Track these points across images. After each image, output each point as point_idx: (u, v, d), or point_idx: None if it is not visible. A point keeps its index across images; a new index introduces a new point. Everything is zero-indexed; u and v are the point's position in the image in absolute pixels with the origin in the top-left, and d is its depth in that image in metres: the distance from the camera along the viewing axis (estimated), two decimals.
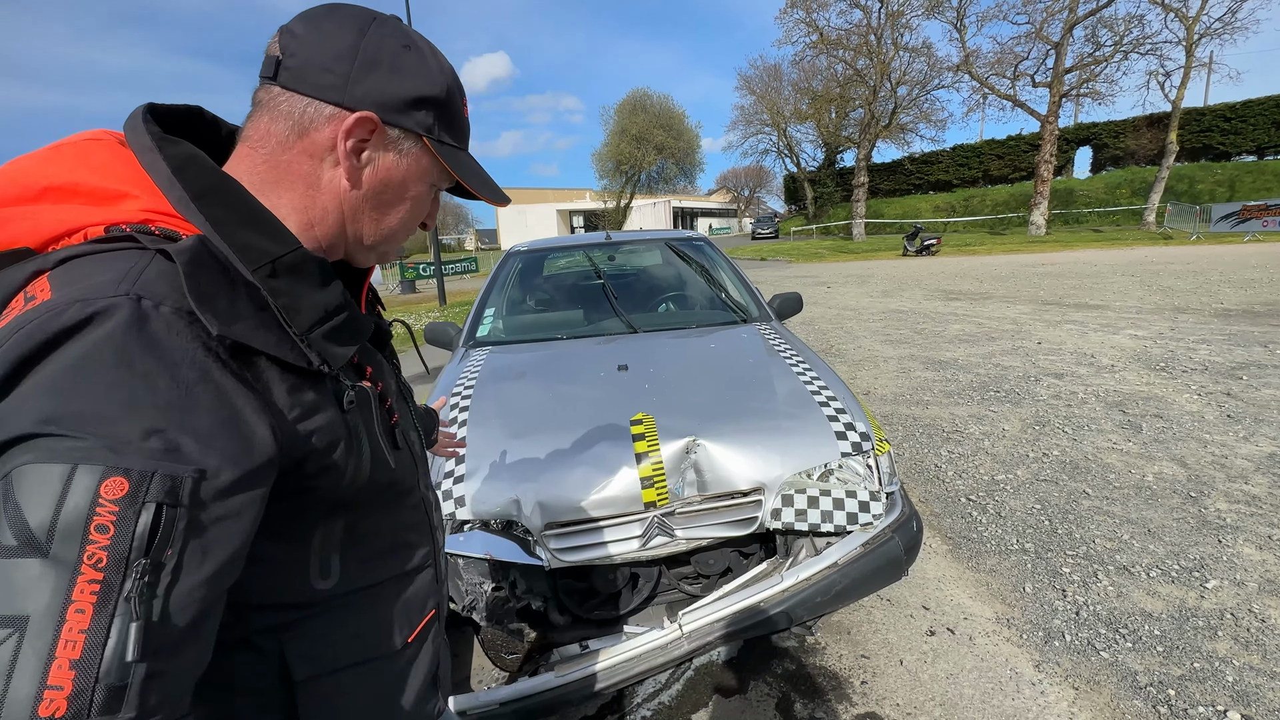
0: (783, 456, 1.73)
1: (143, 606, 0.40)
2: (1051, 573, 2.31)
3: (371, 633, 0.64)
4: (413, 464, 0.70)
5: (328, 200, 0.58)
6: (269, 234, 0.52)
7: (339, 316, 0.56)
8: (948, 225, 30.13)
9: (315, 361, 0.53)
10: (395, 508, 0.67)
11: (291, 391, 0.52)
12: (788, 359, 2.22)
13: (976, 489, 3.05)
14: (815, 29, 28.22)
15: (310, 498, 0.56)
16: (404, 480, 0.67)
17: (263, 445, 0.48)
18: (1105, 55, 22.76)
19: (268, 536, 0.53)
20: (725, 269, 3.25)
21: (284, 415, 0.51)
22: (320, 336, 0.54)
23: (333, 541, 0.60)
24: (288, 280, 0.52)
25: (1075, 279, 11.02)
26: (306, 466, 0.53)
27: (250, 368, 0.49)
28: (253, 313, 0.49)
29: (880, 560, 1.66)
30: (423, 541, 0.71)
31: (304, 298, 0.53)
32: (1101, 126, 31.87)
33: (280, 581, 0.58)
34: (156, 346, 0.43)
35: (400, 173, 0.60)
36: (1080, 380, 4.75)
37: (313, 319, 0.53)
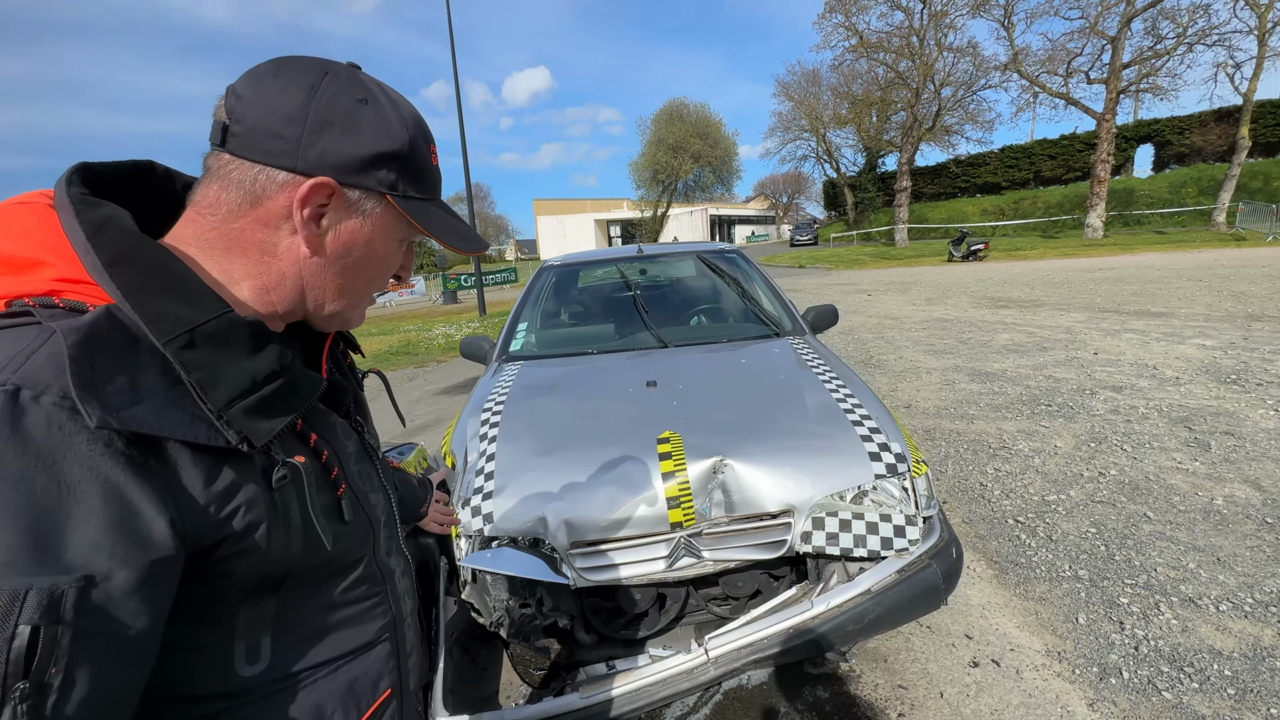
0: (813, 478, 1.68)
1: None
2: (1108, 603, 2.17)
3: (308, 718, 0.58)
4: (366, 532, 0.65)
5: (285, 267, 0.56)
6: (188, 300, 0.48)
7: (270, 385, 0.51)
8: (996, 229, 29.05)
9: (234, 440, 0.48)
10: (336, 583, 0.62)
11: (205, 474, 0.47)
12: (820, 374, 2.17)
13: (1026, 510, 2.90)
14: (855, 33, 27.77)
15: (228, 581, 0.51)
16: (348, 553, 0.62)
17: (162, 540, 0.44)
18: (1167, 48, 21.59)
19: (183, 622, 0.50)
20: (758, 281, 3.21)
21: (193, 502, 0.46)
22: (241, 412, 0.49)
23: (261, 623, 0.55)
24: (207, 350, 0.48)
25: (1136, 284, 10.44)
26: (220, 551, 0.49)
27: (153, 454, 0.45)
28: (161, 391, 0.45)
29: (917, 588, 1.59)
30: (375, 615, 0.66)
31: (225, 369, 0.49)
32: (1164, 123, 30.23)
33: (201, 671, 0.53)
34: (32, 445, 0.40)
35: (364, 235, 0.58)
36: (1141, 394, 4.48)
37: (233, 392, 0.49)
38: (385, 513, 0.70)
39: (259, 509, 0.51)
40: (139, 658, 0.44)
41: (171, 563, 0.45)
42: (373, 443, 0.73)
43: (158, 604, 0.45)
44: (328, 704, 0.60)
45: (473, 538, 1.71)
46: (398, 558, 0.72)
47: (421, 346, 10.23)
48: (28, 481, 0.39)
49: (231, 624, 0.54)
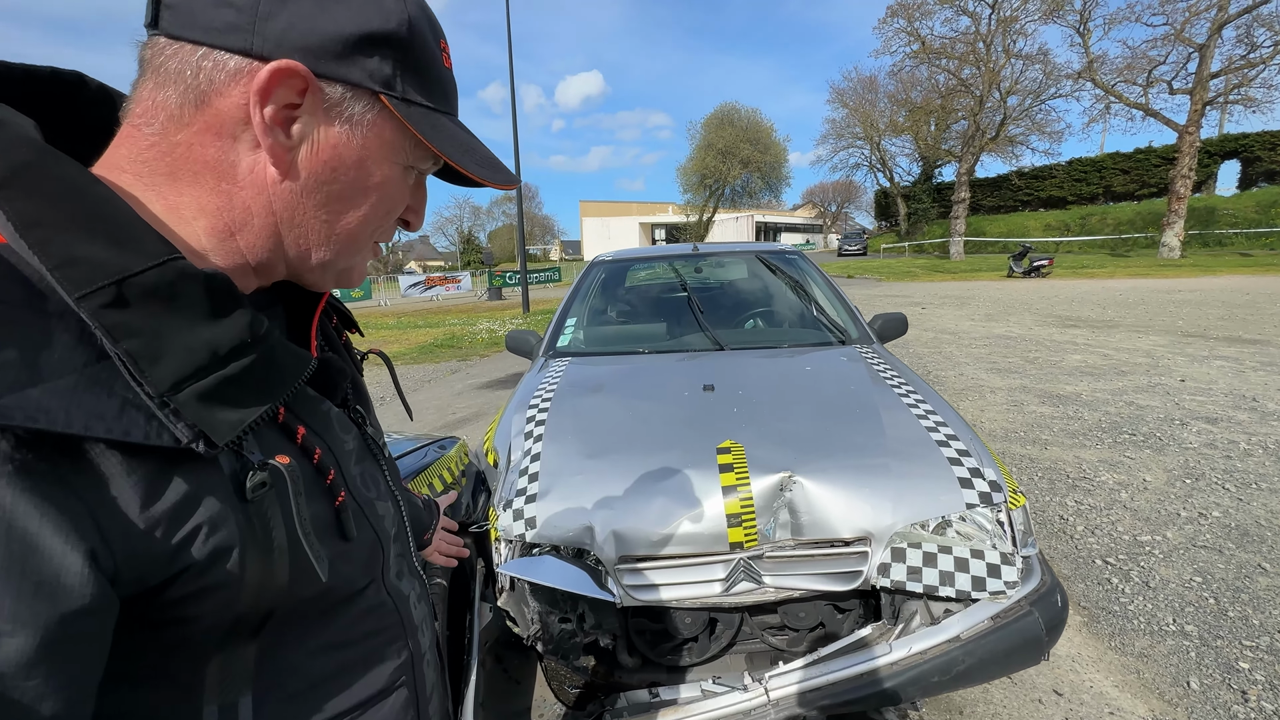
0: (894, 503, 1.49)
1: None
2: (1225, 667, 1.89)
3: None
4: (374, 551, 0.51)
5: (250, 197, 0.41)
6: (116, 240, 0.34)
7: (237, 362, 0.37)
8: (1060, 245, 27.63)
9: (186, 437, 0.34)
10: (337, 619, 0.48)
11: (145, 486, 0.34)
12: (897, 389, 1.97)
13: (1115, 550, 2.60)
14: (917, 38, 26.97)
15: (191, 627, 0.38)
16: (352, 581, 0.48)
17: (76, 585, 0.30)
18: (1263, 57, 20.09)
19: (129, 683, 0.37)
20: (820, 284, 3.01)
21: (127, 527, 0.33)
22: (196, 397, 0.35)
23: (239, 678, 0.42)
24: (145, 311, 0.34)
25: (1222, 308, 9.65)
26: (176, 590, 0.36)
27: (62, 460, 0.31)
28: (74, 368, 0.32)
29: (1015, 639, 1.38)
30: (388, 655, 0.52)
31: (172, 338, 0.35)
32: (1253, 138, 28.18)
33: None
34: None
35: (353, 150, 0.43)
36: (1240, 427, 4.05)
37: (183, 370, 0.35)
38: (395, 525, 0.56)
39: (228, 529, 0.37)
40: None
41: (96, 615, 0.32)
42: (377, 439, 0.58)
43: (77, 675, 0.31)
44: None
45: (513, 543, 1.59)
46: (412, 580, 0.58)
47: (465, 340, 10.32)
48: None
49: (197, 682, 0.40)
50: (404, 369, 7.98)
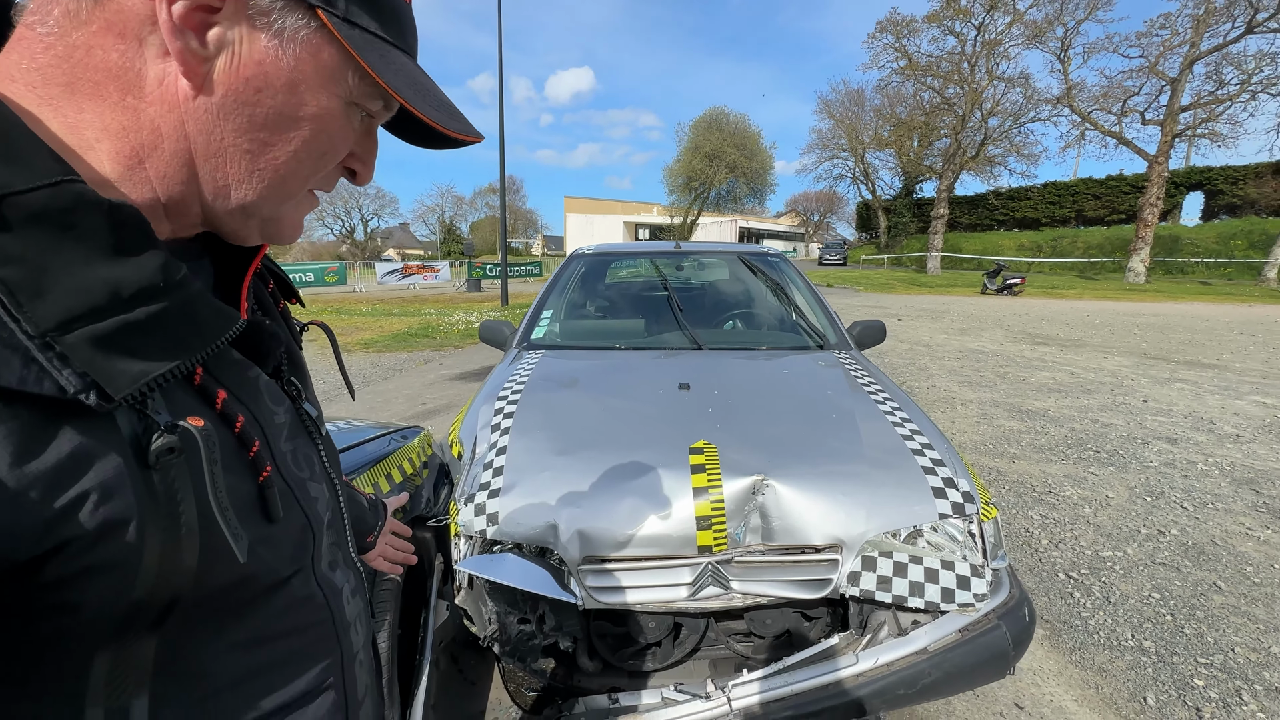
0: (868, 511, 1.46)
1: None
2: (1181, 683, 1.91)
3: None
4: (303, 537, 0.46)
5: (159, 115, 0.35)
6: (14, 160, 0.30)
7: (145, 307, 0.32)
8: (1032, 265, 28.36)
9: (72, 386, 0.29)
10: (256, 612, 0.42)
11: (17, 441, 0.28)
12: (874, 395, 1.94)
13: (1078, 564, 2.63)
14: (904, 54, 27.43)
15: (72, 617, 0.32)
16: (273, 569, 0.42)
17: None
18: (1230, 94, 20.91)
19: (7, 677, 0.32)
20: (802, 289, 2.99)
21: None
22: (89, 341, 0.30)
23: (131, 677, 0.35)
24: (28, 236, 0.29)
25: (1183, 333, 9.97)
26: (54, 569, 0.30)
27: None
28: None
29: (982, 652, 1.36)
30: (316, 654, 0.47)
31: (62, 271, 0.30)
32: (1218, 171, 29.34)
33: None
34: None
35: (283, 70, 0.37)
36: (1199, 448, 4.16)
37: (75, 309, 0.30)
38: (330, 510, 0.51)
39: (124, 499, 0.32)
40: None
41: None
42: (314, 415, 0.52)
43: None
44: None
45: (474, 539, 1.52)
46: (346, 571, 0.52)
47: (440, 330, 10.13)
48: None
49: (79, 680, 0.34)
50: (376, 357, 7.79)
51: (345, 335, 9.64)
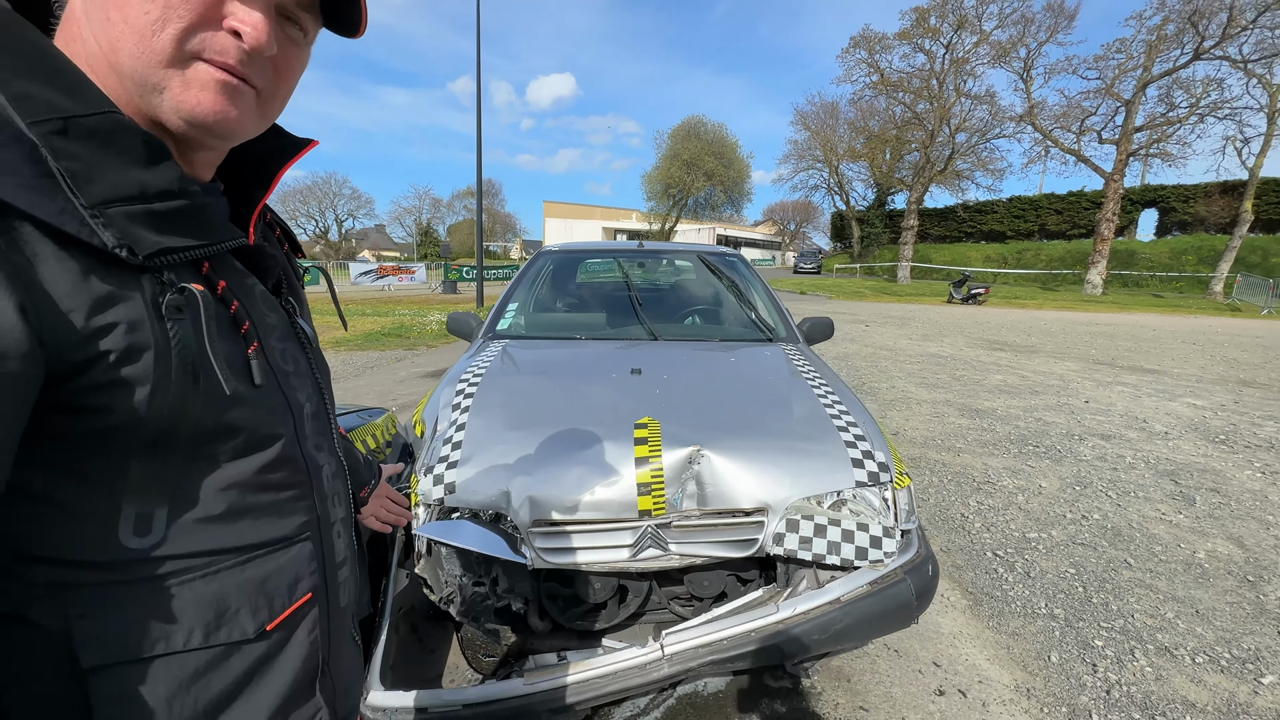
0: (792, 478, 1.61)
1: None
2: (1082, 644, 2.10)
3: (204, 612, 0.50)
4: (284, 412, 0.57)
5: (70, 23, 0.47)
6: (64, 88, 0.43)
7: (165, 201, 0.46)
8: (997, 276, 29.30)
9: (110, 241, 0.42)
10: (250, 461, 0.53)
11: (73, 274, 0.41)
12: (809, 380, 2.11)
13: (1005, 544, 2.83)
14: (876, 69, 28.22)
15: (108, 420, 0.44)
16: (258, 426, 0.54)
17: (10, 331, 0.38)
18: (1179, 117, 22.00)
19: (49, 469, 0.44)
20: (757, 287, 3.16)
21: (54, 299, 0.40)
22: (124, 215, 0.43)
23: (156, 489, 0.48)
24: (84, 145, 0.43)
25: (1131, 341, 10.49)
26: (93, 374, 0.43)
27: (6, 232, 0.39)
28: (24, 171, 0.40)
29: (888, 603, 1.52)
30: (296, 509, 0.58)
31: (105, 168, 0.43)
32: (1170, 189, 30.76)
33: (72, 531, 0.46)
34: None
35: None
36: (1129, 444, 4.45)
37: (112, 193, 0.43)
38: (314, 405, 0.63)
39: (143, 334, 0.44)
40: None
41: (21, 360, 0.39)
42: (308, 331, 0.66)
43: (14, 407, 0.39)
44: (232, 598, 0.52)
45: (431, 506, 1.63)
46: (328, 456, 0.65)
47: (414, 330, 10.12)
48: None
49: (117, 482, 0.46)
50: (347, 355, 7.78)
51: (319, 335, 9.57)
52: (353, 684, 0.70)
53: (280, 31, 0.51)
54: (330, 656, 0.63)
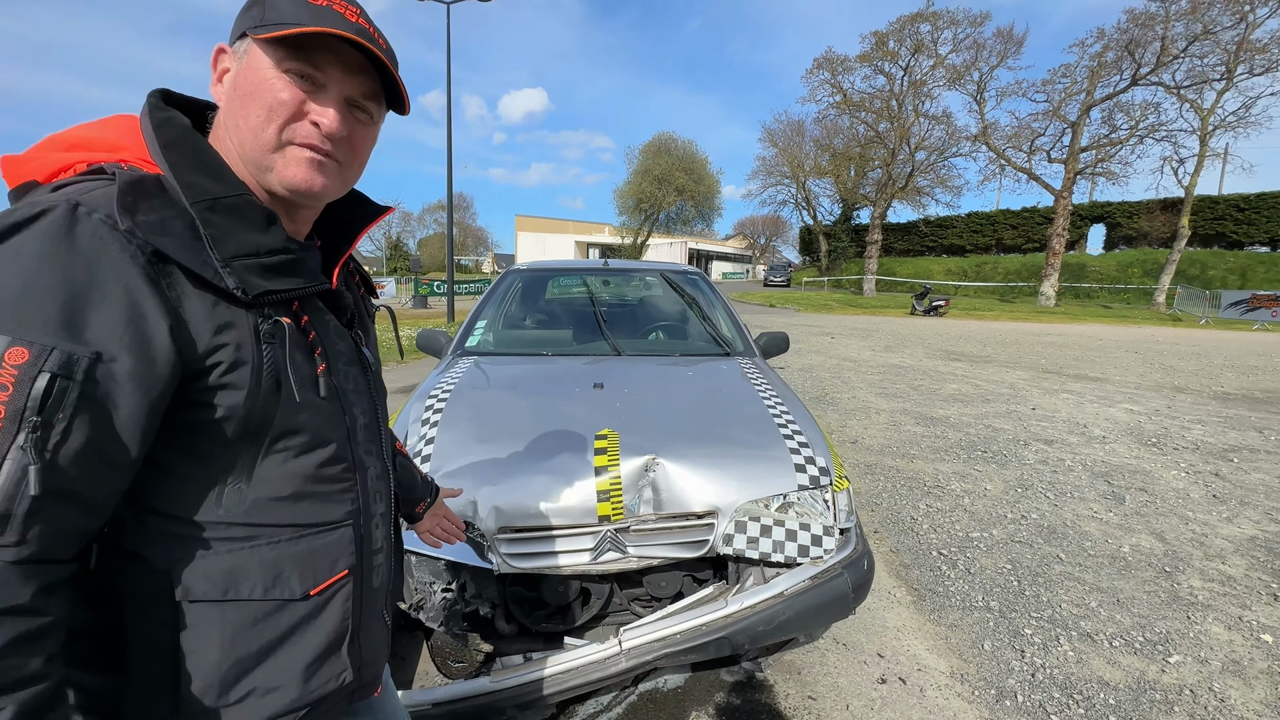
0: (740, 483, 1.75)
1: (35, 455, 0.49)
2: (1013, 632, 2.28)
3: (266, 572, 0.66)
4: (339, 420, 0.72)
5: (218, 131, 0.67)
6: (218, 178, 0.62)
7: (273, 256, 0.64)
8: (958, 289, 30.35)
9: (231, 284, 0.60)
10: (311, 457, 0.69)
11: (206, 307, 0.59)
12: (760, 391, 2.26)
13: (949, 544, 3.02)
14: (839, 90, 29.17)
15: (214, 413, 0.61)
16: (319, 429, 0.69)
17: (162, 343, 0.55)
18: (1120, 138, 23.30)
19: (174, 449, 0.61)
20: (716, 304, 3.32)
21: (191, 323, 0.58)
22: (243, 266, 0.61)
23: (240, 471, 0.64)
24: (223, 216, 0.61)
25: (1079, 350, 11.04)
26: (208, 379, 0.60)
27: (167, 275, 0.57)
28: (185, 235, 0.58)
29: (827, 595, 1.66)
30: (344, 500, 0.73)
31: (235, 233, 0.61)
32: (1115, 206, 32.36)
33: (182, 496, 0.63)
34: (78, 244, 0.53)
35: (242, 72, 0.64)
36: (1069, 448, 4.73)
37: (237, 251, 0.61)
38: (367, 417, 0.79)
39: (245, 352, 0.61)
40: (127, 439, 0.55)
41: (168, 367, 0.56)
42: (370, 358, 0.82)
43: (150, 397, 0.56)
44: (286, 564, 0.67)
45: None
46: (375, 460, 0.79)
47: (384, 345, 10.05)
48: (69, 271, 0.52)
49: (214, 461, 0.63)
50: None
51: None
52: (378, 656, 0.83)
53: (351, 117, 0.69)
54: (360, 628, 0.76)
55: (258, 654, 0.66)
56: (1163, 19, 20.82)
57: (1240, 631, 2.33)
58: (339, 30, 0.62)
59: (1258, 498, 3.74)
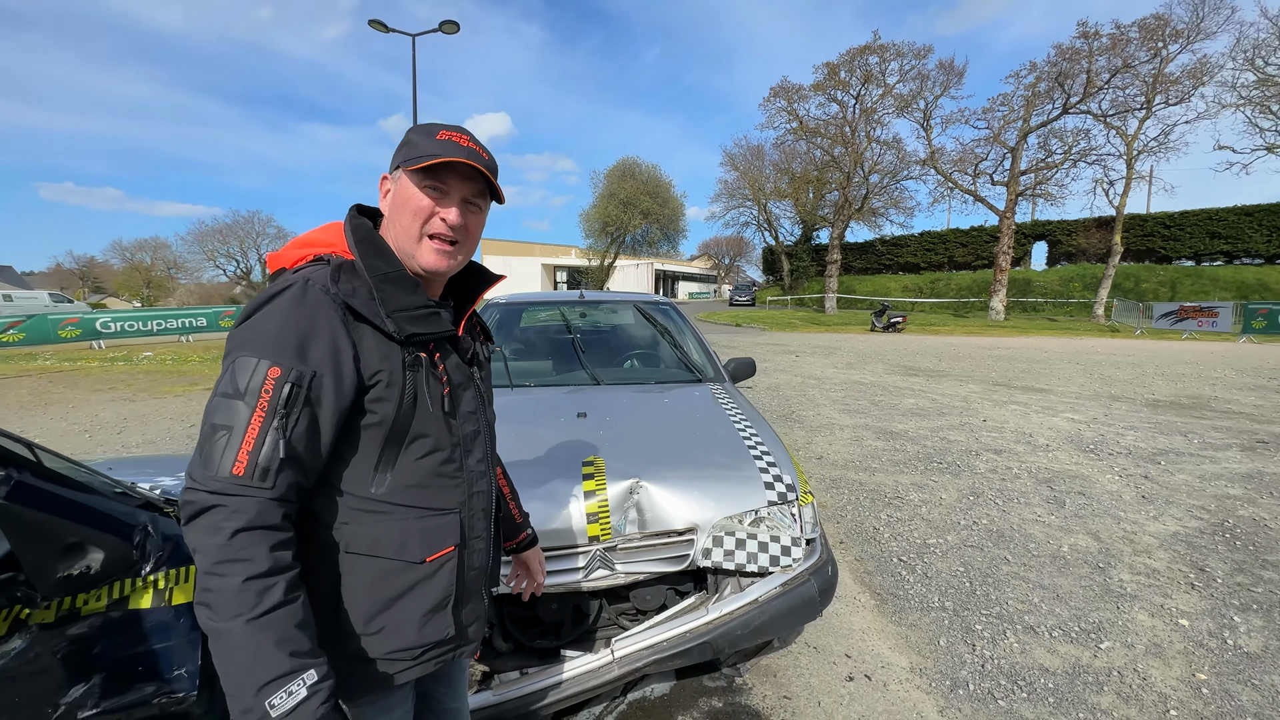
0: (716, 501, 1.93)
1: (281, 434, 0.79)
2: (965, 629, 2.51)
3: (397, 539, 0.92)
4: (455, 436, 0.99)
5: (384, 227, 1.00)
6: (384, 259, 0.93)
7: (418, 310, 0.93)
8: (915, 305, 31.57)
9: (390, 329, 0.89)
10: (436, 458, 0.96)
11: (376, 345, 0.88)
12: (731, 416, 2.46)
13: (909, 551, 3.26)
14: (795, 117, 30.36)
15: (375, 418, 0.89)
16: (439, 441, 0.96)
17: (349, 368, 0.85)
18: (1056, 162, 24.89)
19: (349, 446, 0.90)
20: (688, 332, 3.53)
21: (367, 355, 0.88)
22: (399, 316, 0.90)
23: (386, 464, 0.92)
24: (388, 284, 0.91)
25: (1026, 363, 11.69)
26: (373, 394, 0.88)
27: (355, 324, 0.87)
28: (365, 296, 0.89)
29: (797, 600, 1.85)
30: (455, 494, 0.99)
31: (395, 295, 0.91)
32: (1055, 224, 34.31)
33: (352, 479, 0.91)
34: (308, 304, 0.84)
35: (397, 190, 0.96)
36: (1016, 457, 5.08)
37: (396, 306, 0.90)
38: (481, 433, 1.06)
39: (396, 375, 0.90)
40: (325, 428, 0.84)
41: (350, 381, 0.86)
42: (485, 390, 1.11)
43: (341, 405, 0.85)
44: (411, 537, 0.93)
45: None
46: (481, 466, 1.06)
47: None
48: (302, 322, 0.83)
49: (371, 454, 0.91)
50: None
51: None
52: (476, 626, 1.06)
53: (466, 211, 0.98)
54: (462, 595, 1.00)
55: (388, 601, 0.91)
56: (1087, 53, 22.52)
57: (1162, 618, 2.61)
58: (456, 158, 0.92)
59: (1181, 497, 4.11)
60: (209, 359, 12.56)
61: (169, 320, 19.51)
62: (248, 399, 0.78)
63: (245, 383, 0.79)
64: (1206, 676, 2.21)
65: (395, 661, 0.94)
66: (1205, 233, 29.15)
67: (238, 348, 0.82)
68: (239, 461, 0.77)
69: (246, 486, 0.77)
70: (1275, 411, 6.96)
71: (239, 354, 0.81)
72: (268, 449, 0.78)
